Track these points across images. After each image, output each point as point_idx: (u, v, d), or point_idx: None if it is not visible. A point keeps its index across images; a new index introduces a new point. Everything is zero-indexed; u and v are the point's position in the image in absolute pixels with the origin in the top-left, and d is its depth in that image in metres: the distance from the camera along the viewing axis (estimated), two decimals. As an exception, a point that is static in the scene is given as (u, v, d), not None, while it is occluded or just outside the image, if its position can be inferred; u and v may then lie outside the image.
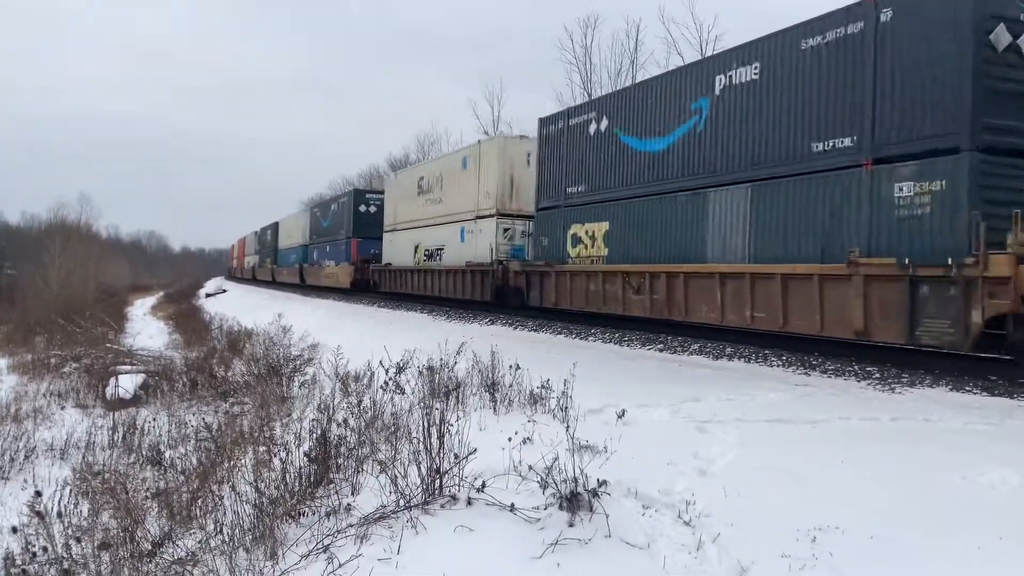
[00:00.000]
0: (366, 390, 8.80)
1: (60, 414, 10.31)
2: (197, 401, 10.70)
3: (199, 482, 5.94)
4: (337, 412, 7.43)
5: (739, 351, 12.88)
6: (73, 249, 43.88)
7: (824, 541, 4.48)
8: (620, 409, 7.78)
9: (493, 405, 8.34)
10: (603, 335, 16.12)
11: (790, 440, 6.97)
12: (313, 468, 5.73)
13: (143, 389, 11.68)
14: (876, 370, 10.57)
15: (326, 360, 11.26)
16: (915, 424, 7.57)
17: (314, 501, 5.37)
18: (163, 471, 6.88)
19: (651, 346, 14.39)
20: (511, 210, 20.89)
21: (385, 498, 5.16)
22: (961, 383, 9.51)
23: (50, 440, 8.46)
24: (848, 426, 7.55)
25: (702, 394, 9.20)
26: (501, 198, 20.99)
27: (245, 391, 10.53)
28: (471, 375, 9.11)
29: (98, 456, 7.64)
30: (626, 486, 5.37)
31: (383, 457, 5.89)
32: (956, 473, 5.70)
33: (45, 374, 13.08)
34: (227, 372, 12.38)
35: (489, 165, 21.58)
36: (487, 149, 22.24)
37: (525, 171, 20.66)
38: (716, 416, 7.90)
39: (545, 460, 5.26)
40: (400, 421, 7.00)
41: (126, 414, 9.28)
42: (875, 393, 9.37)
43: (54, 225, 52.90)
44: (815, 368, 11.21)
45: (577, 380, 8.05)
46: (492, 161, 21.40)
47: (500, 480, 5.45)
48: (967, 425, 7.44)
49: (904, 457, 6.22)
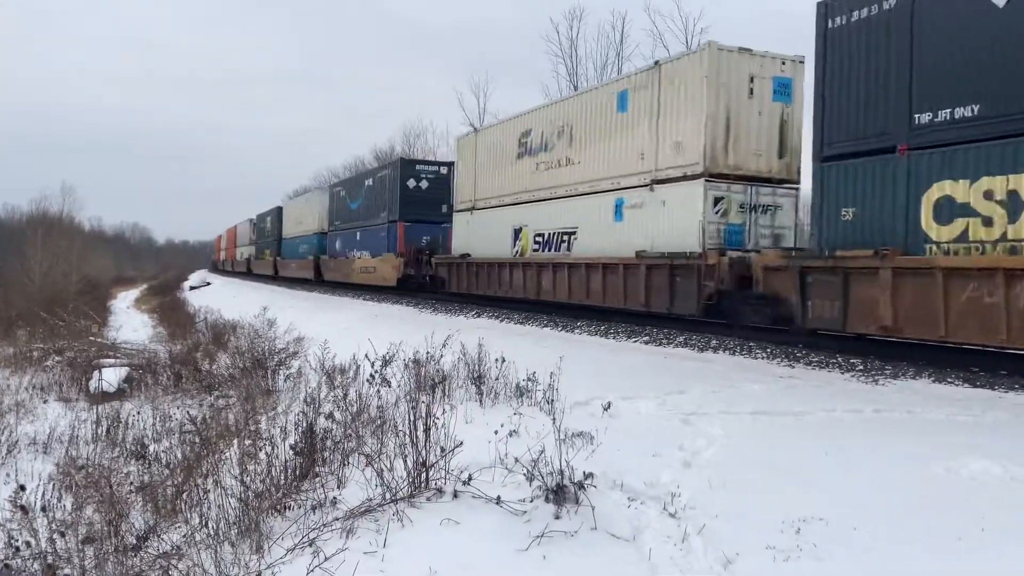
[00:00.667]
0: (351, 383, 8.79)
1: (43, 408, 10.21)
2: (182, 394, 10.63)
3: (184, 476, 5.90)
4: (323, 405, 7.41)
5: (724, 343, 12.93)
6: (55, 241, 43.44)
7: (808, 532, 4.51)
8: (606, 401, 7.81)
9: (479, 398, 8.34)
10: (588, 328, 16.14)
11: (774, 432, 7.03)
12: (299, 461, 5.72)
13: (127, 382, 11.57)
14: (860, 362, 10.65)
15: (312, 353, 11.22)
16: (898, 415, 7.64)
17: (300, 495, 5.35)
18: (148, 465, 6.82)
19: (636, 338, 14.43)
20: (725, 169, 13.60)
21: (371, 491, 5.15)
22: (943, 375, 9.60)
23: (33, 434, 8.37)
24: (832, 418, 7.61)
25: (687, 386, 9.24)
26: (710, 150, 13.45)
27: (230, 384, 10.47)
28: (457, 368, 9.11)
29: (82, 450, 7.57)
30: (612, 478, 5.39)
31: (369, 450, 5.88)
32: (938, 464, 5.76)
33: (27, 367, 12.94)
34: (212, 365, 12.31)
35: (682, 97, 14.01)
36: (680, 70, 14.17)
37: (748, 107, 13.66)
38: (701, 408, 7.94)
39: (531, 453, 5.27)
40: (386, 414, 6.99)
41: (110, 407, 9.20)
42: (859, 385, 9.44)
43: (35, 216, 52.31)
44: (799, 360, 11.28)
45: (562, 372, 8.07)
46: (690, 90, 13.83)
47: (486, 473, 5.46)
48: (949, 417, 7.51)
49: (887, 448, 6.28)
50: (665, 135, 14.44)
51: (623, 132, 15.65)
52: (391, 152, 60.22)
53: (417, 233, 27.23)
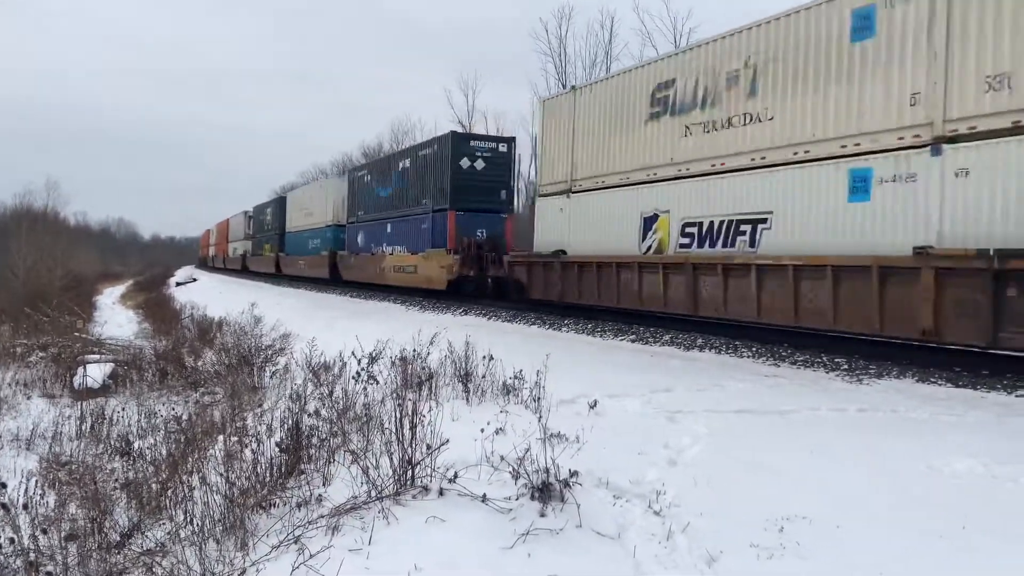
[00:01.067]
0: (337, 380, 8.77)
1: (26, 404, 10.14)
2: (167, 391, 10.58)
3: (168, 472, 5.87)
4: (309, 402, 7.40)
5: (710, 342, 12.99)
6: (40, 236, 43.15)
7: (791, 531, 4.54)
8: (592, 399, 7.83)
9: (466, 396, 8.34)
10: (575, 325, 16.16)
11: (759, 430, 7.06)
12: (284, 459, 5.70)
13: (112, 378, 11.52)
14: (844, 361, 10.72)
15: (298, 350, 11.19)
16: (882, 415, 7.70)
17: (285, 492, 5.34)
18: (132, 461, 6.79)
19: (623, 336, 14.47)
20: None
21: (357, 489, 5.15)
22: (927, 375, 9.68)
23: (15, 430, 8.32)
24: (816, 416, 7.66)
25: (673, 384, 9.28)
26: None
27: (216, 381, 10.43)
28: (443, 365, 9.11)
29: (65, 446, 7.53)
30: (597, 476, 5.40)
31: (355, 447, 5.87)
32: (921, 463, 5.81)
33: (10, 363, 12.84)
34: (198, 362, 12.25)
35: None
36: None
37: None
38: (687, 406, 7.97)
39: (517, 451, 5.28)
40: (372, 411, 6.98)
41: (94, 404, 9.14)
42: (843, 384, 9.50)
43: (19, 211, 51.96)
44: (784, 359, 11.34)
45: (549, 370, 8.08)
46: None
47: (472, 471, 5.46)
48: (933, 416, 7.57)
49: (871, 447, 6.32)
50: (967, 65, 9.47)
51: (864, 69, 10.74)
52: (379, 149, 59.77)
53: (471, 224, 22.29)
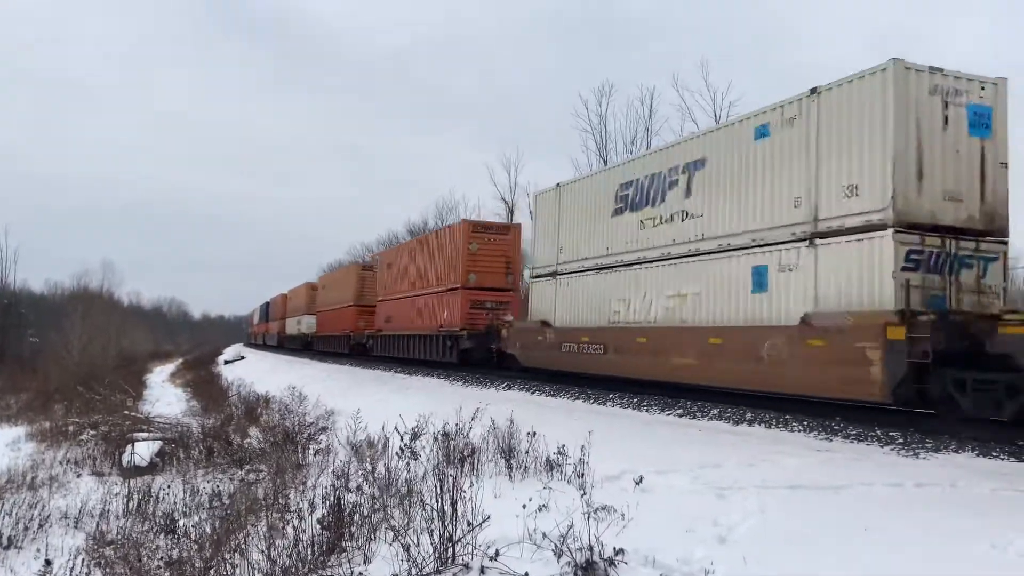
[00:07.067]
0: (380, 456, 8.75)
1: (76, 482, 10.30)
2: (213, 468, 10.65)
3: (212, 550, 5.87)
4: (352, 479, 7.38)
5: (759, 416, 12.71)
6: (95, 316, 44.38)
7: (848, 612, 4.35)
8: (638, 475, 7.68)
9: (509, 472, 8.25)
10: (620, 400, 15.97)
11: (812, 507, 6.83)
12: (326, 536, 5.67)
13: (159, 456, 11.65)
14: (899, 435, 10.39)
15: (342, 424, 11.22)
16: (941, 490, 7.40)
17: (326, 570, 5.29)
18: (177, 539, 6.81)
19: (670, 411, 14.24)
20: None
21: (398, 566, 5.08)
22: (988, 448, 9.32)
23: (65, 508, 8.43)
24: (871, 492, 7.39)
25: (722, 460, 9.06)
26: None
27: (261, 458, 10.48)
28: (486, 440, 9.04)
29: (112, 524, 7.59)
30: (643, 554, 5.26)
31: (396, 523, 5.81)
32: (984, 542, 5.54)
33: (62, 441, 13.09)
34: (243, 439, 12.35)
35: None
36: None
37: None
38: (736, 483, 7.76)
39: (560, 528, 5.17)
40: (414, 486, 6.93)
41: (141, 482, 9.25)
42: (898, 458, 9.19)
43: (77, 293, 53.62)
44: (837, 433, 11.02)
45: (594, 445, 7.97)
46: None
47: (515, 548, 5.36)
48: (995, 492, 7.26)
49: (929, 525, 6.06)
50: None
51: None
52: (424, 227, 61.05)
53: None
